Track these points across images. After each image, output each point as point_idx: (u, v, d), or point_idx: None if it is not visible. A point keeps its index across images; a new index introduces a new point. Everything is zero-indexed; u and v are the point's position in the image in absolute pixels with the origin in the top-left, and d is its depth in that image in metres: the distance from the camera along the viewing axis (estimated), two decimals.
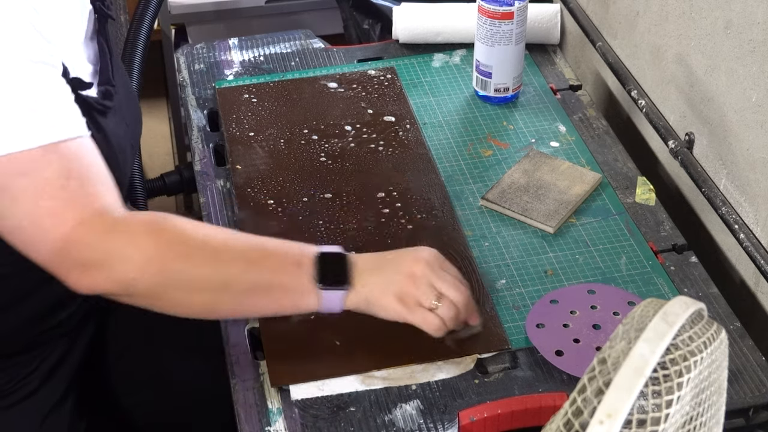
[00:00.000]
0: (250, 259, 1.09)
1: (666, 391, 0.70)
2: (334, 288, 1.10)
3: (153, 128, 2.72)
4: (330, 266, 1.11)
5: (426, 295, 1.11)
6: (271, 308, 1.12)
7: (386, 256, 1.15)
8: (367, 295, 1.11)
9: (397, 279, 1.11)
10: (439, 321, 1.12)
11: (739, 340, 1.20)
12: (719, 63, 1.32)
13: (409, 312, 1.11)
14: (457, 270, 1.17)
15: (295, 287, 1.10)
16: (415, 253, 1.14)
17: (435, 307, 1.11)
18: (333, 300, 1.11)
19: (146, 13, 1.81)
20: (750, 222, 1.30)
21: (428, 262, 1.13)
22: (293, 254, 1.11)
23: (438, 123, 1.54)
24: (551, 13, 1.70)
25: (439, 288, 1.12)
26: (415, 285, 1.11)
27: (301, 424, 1.11)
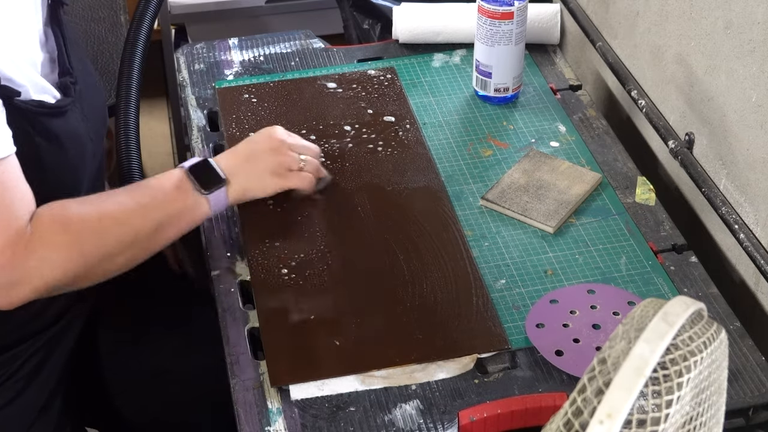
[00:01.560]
0: (143, 205, 1.20)
1: (666, 391, 0.70)
2: (216, 188, 1.24)
3: (153, 128, 2.72)
4: (203, 174, 1.24)
5: (292, 159, 1.29)
6: (177, 233, 1.23)
7: (240, 146, 1.30)
8: (243, 184, 1.26)
9: (263, 158, 1.28)
10: (310, 177, 1.31)
11: (739, 340, 1.20)
12: (719, 63, 1.32)
13: (285, 179, 1.29)
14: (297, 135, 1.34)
15: (188, 206, 1.22)
16: (264, 133, 1.30)
17: (303, 166, 1.29)
18: (219, 199, 1.24)
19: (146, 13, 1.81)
20: (750, 222, 1.30)
21: (279, 134, 1.29)
22: (171, 182, 1.22)
23: (438, 123, 1.54)
24: (551, 13, 1.70)
25: (297, 150, 1.30)
26: (279, 155, 1.28)
27: (301, 424, 1.11)
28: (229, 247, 1.33)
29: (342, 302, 1.24)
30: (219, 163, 1.26)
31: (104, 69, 2.04)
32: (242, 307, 1.25)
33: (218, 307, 1.25)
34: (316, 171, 1.33)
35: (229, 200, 1.26)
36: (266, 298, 1.25)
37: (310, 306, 1.24)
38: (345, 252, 1.31)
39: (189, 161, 1.25)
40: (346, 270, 1.28)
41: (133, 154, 1.82)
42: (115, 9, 2.22)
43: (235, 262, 1.31)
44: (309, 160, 1.31)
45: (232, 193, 1.26)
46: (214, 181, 1.24)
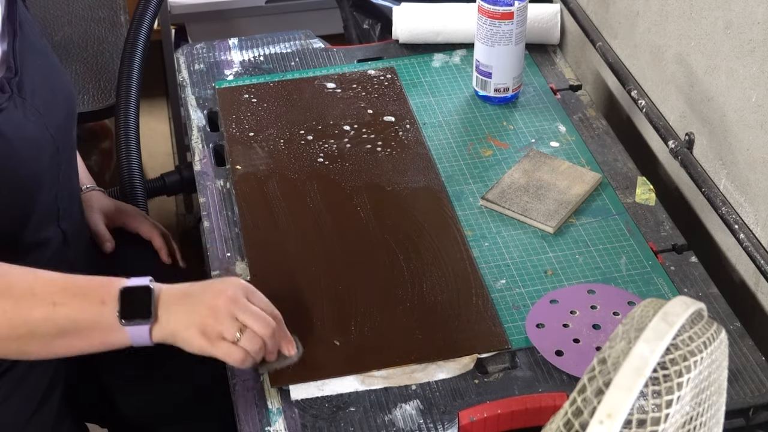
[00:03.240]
0: (53, 303, 1.08)
1: (666, 391, 0.70)
2: (137, 322, 1.09)
3: (153, 128, 2.72)
4: (132, 301, 1.09)
5: (227, 329, 1.09)
6: (82, 348, 1.12)
7: (195, 286, 1.13)
8: (172, 329, 1.10)
9: (200, 312, 1.09)
10: (243, 353, 1.09)
11: (739, 340, 1.20)
12: (719, 63, 1.32)
13: (211, 345, 1.09)
14: (265, 300, 1.14)
15: (101, 326, 1.09)
16: (221, 284, 1.12)
17: (238, 339, 1.09)
18: (140, 334, 1.09)
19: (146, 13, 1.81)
20: (750, 222, 1.30)
21: (232, 293, 1.10)
22: (98, 292, 1.10)
23: (438, 123, 1.54)
24: (551, 13, 1.70)
25: (242, 320, 1.09)
26: (216, 318, 1.09)
27: (301, 424, 1.11)
28: (229, 247, 1.33)
29: (342, 302, 1.24)
30: (163, 291, 1.11)
31: (104, 69, 2.05)
32: None
33: None
34: (256, 351, 1.11)
35: (153, 339, 1.10)
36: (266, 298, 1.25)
37: (309, 306, 1.24)
38: (345, 252, 1.31)
39: (134, 280, 1.11)
40: (346, 270, 1.28)
41: (133, 154, 1.83)
42: (115, 9, 2.22)
43: (235, 262, 1.31)
44: (249, 337, 1.09)
45: (158, 333, 1.10)
46: (139, 313, 1.09)
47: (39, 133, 1.22)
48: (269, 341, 1.11)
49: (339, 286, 1.26)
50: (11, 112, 1.17)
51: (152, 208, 2.12)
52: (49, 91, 1.26)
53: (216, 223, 1.37)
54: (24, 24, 1.24)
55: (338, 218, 1.36)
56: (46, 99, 1.24)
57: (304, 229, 1.34)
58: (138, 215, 1.57)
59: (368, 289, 1.26)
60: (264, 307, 1.13)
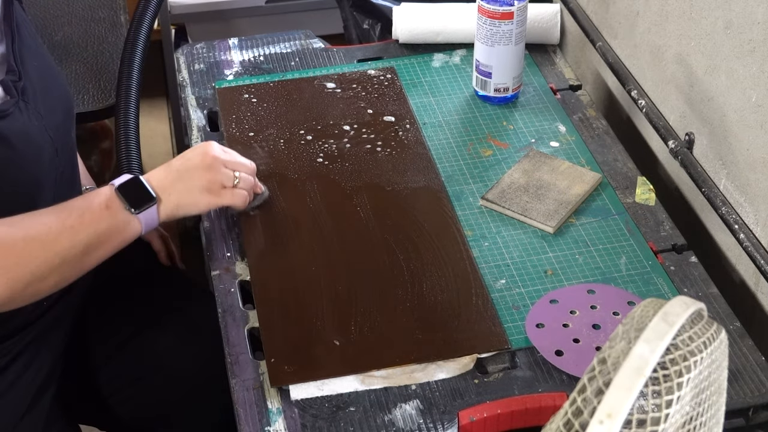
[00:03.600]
0: (71, 227, 1.16)
1: (666, 391, 0.70)
2: (146, 207, 1.20)
3: (153, 128, 2.72)
4: (132, 193, 1.21)
5: (226, 176, 1.26)
6: (107, 253, 1.21)
7: (174, 162, 1.26)
8: (175, 201, 1.23)
9: (196, 175, 1.24)
10: (244, 193, 1.28)
11: (739, 340, 1.20)
12: (719, 63, 1.32)
13: (218, 197, 1.25)
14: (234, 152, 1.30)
15: (117, 226, 1.19)
16: (199, 149, 1.26)
17: (236, 183, 1.26)
18: (150, 217, 1.21)
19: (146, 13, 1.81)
20: (750, 222, 1.30)
21: (213, 150, 1.26)
22: (98, 202, 1.19)
23: (438, 123, 1.54)
24: (551, 13, 1.70)
25: (232, 167, 1.26)
26: (213, 172, 1.24)
27: (301, 424, 1.11)
28: (229, 247, 1.33)
29: (342, 302, 1.24)
30: (150, 179, 1.23)
31: (104, 69, 2.04)
32: (242, 307, 1.25)
33: (218, 308, 1.25)
34: (250, 188, 1.30)
35: (161, 218, 1.23)
36: (266, 298, 1.25)
37: (309, 306, 1.24)
38: (345, 252, 1.31)
39: (119, 178, 1.22)
40: (346, 270, 1.28)
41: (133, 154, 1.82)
42: (115, 9, 2.22)
43: (235, 262, 1.31)
44: (243, 177, 1.28)
45: (164, 211, 1.23)
46: (144, 199, 1.21)
47: (40, 135, 1.22)
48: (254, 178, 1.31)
49: (339, 286, 1.26)
50: (16, 116, 1.18)
51: None
52: (48, 92, 1.27)
53: (216, 223, 1.37)
54: (21, 25, 1.24)
55: (338, 218, 1.36)
56: (45, 101, 1.25)
57: (304, 229, 1.34)
58: None
59: (368, 289, 1.26)
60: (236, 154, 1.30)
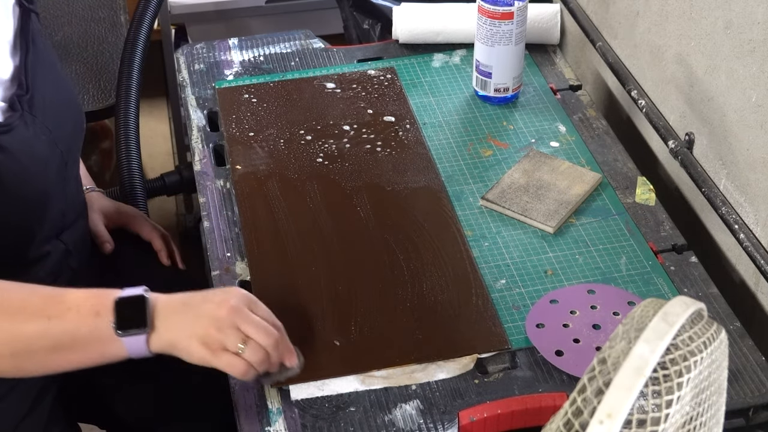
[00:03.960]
0: (48, 317, 1.06)
1: (666, 391, 0.70)
2: (134, 332, 1.06)
3: (153, 128, 2.72)
4: (128, 311, 1.07)
5: (230, 339, 1.07)
6: (79, 361, 1.10)
7: (194, 296, 1.11)
8: (171, 339, 1.08)
9: (201, 323, 1.07)
10: (245, 365, 1.08)
11: (739, 340, 1.20)
12: (719, 63, 1.32)
13: (214, 356, 1.07)
14: (267, 310, 1.12)
15: (97, 338, 1.07)
16: (223, 295, 1.10)
17: (241, 351, 1.07)
18: (137, 345, 1.07)
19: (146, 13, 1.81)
20: (750, 222, 1.30)
21: (235, 304, 1.08)
22: (91, 304, 1.07)
23: (438, 123, 1.54)
24: (551, 13, 1.70)
25: (245, 331, 1.07)
26: (218, 329, 1.07)
27: (301, 424, 1.11)
28: (229, 247, 1.33)
29: (342, 302, 1.24)
30: (158, 304, 1.08)
31: (104, 69, 2.05)
32: None
33: None
34: (258, 362, 1.08)
35: (151, 349, 1.08)
36: (266, 298, 1.25)
37: (309, 306, 1.24)
38: (345, 252, 1.31)
39: (130, 290, 1.09)
40: (346, 270, 1.28)
41: (133, 154, 1.83)
42: (115, 9, 2.22)
43: (235, 262, 1.31)
44: (253, 347, 1.08)
45: (156, 343, 1.08)
46: (135, 323, 1.07)
47: (48, 150, 1.21)
48: (272, 352, 1.09)
49: (339, 287, 1.26)
50: (20, 130, 1.16)
51: (152, 208, 2.12)
52: (59, 106, 1.25)
53: (216, 223, 1.37)
54: (36, 38, 1.22)
55: (338, 218, 1.36)
56: (55, 115, 1.23)
57: (304, 229, 1.34)
58: (138, 216, 1.57)
59: (368, 289, 1.26)
60: (266, 317, 1.11)
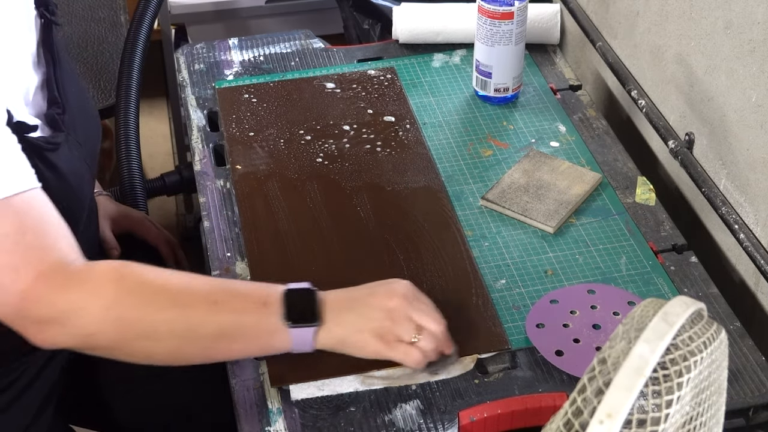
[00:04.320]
0: (215, 302, 1.05)
1: (666, 391, 0.70)
2: (303, 325, 1.07)
3: (153, 128, 2.72)
4: (298, 303, 1.07)
5: (406, 330, 1.08)
6: (242, 351, 1.09)
7: (358, 291, 1.11)
8: (341, 334, 1.08)
9: (374, 316, 1.08)
10: (421, 354, 1.09)
11: (739, 340, 1.20)
12: (719, 63, 1.32)
13: (390, 348, 1.08)
14: (429, 300, 1.14)
15: (264, 328, 1.06)
16: (389, 286, 1.11)
17: (416, 340, 1.08)
18: (304, 338, 1.07)
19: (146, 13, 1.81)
20: (750, 222, 1.30)
21: (404, 294, 1.09)
22: (259, 294, 1.07)
23: (438, 123, 1.54)
24: (551, 13, 1.70)
25: (417, 320, 1.09)
26: (392, 320, 1.08)
27: (301, 424, 1.11)
28: (229, 247, 1.33)
29: None
30: (326, 296, 1.09)
31: (104, 69, 2.05)
32: None
33: None
34: (431, 350, 1.10)
35: (318, 344, 1.08)
36: None
37: None
38: (345, 252, 1.31)
39: (296, 284, 1.09)
40: (346, 270, 1.28)
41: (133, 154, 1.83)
42: (115, 9, 2.22)
43: (235, 262, 1.31)
44: (426, 336, 1.09)
45: (324, 339, 1.08)
46: (305, 316, 1.07)
47: (80, 163, 1.21)
48: (443, 339, 1.11)
49: (339, 286, 1.26)
50: (63, 148, 1.16)
51: (152, 208, 2.12)
52: (84, 120, 1.25)
53: (216, 223, 1.37)
54: (60, 50, 1.22)
55: (338, 218, 1.36)
56: (82, 129, 1.23)
57: (304, 229, 1.34)
58: (145, 222, 1.57)
59: None
60: (430, 304, 1.12)
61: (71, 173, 1.17)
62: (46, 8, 1.20)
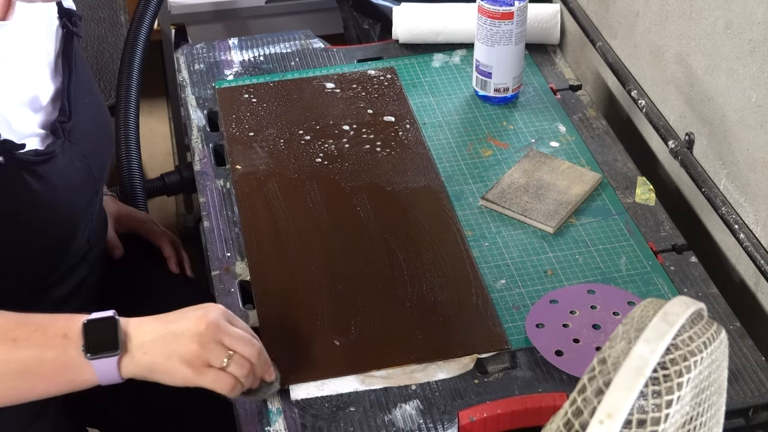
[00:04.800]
0: (14, 339, 1.01)
1: (666, 391, 0.70)
2: (104, 355, 1.01)
3: (153, 128, 2.72)
4: (97, 333, 1.02)
5: (215, 355, 1.02)
6: (46, 389, 1.04)
7: (168, 316, 1.05)
8: (148, 362, 1.02)
9: (181, 340, 1.02)
10: (233, 380, 1.04)
11: (739, 340, 1.20)
12: (719, 63, 1.32)
13: (198, 375, 1.02)
14: (244, 324, 1.09)
15: (65, 361, 1.01)
16: (200, 311, 1.05)
17: (226, 365, 1.03)
18: (108, 369, 1.02)
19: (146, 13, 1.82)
20: (750, 222, 1.30)
21: (214, 319, 1.03)
22: (59, 326, 1.02)
23: (438, 123, 1.54)
24: (551, 13, 1.70)
25: (228, 344, 1.03)
26: (201, 345, 1.02)
27: (301, 424, 1.11)
28: (229, 247, 1.33)
29: (342, 302, 1.24)
30: (130, 327, 1.03)
31: (104, 69, 2.05)
32: (242, 307, 1.25)
33: None
34: (244, 375, 1.05)
35: (123, 374, 1.02)
36: (266, 298, 1.25)
37: (309, 306, 1.24)
38: (345, 252, 1.31)
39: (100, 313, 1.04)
40: (346, 270, 1.28)
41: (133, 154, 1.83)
42: (115, 9, 2.22)
43: (235, 262, 1.31)
44: (237, 360, 1.04)
45: (129, 367, 1.02)
46: (105, 345, 1.01)
47: (82, 178, 1.20)
48: (257, 364, 1.06)
49: (339, 286, 1.26)
50: (59, 159, 1.15)
51: (152, 208, 2.12)
52: (96, 131, 1.25)
53: (216, 223, 1.37)
54: (78, 61, 1.21)
55: (338, 218, 1.36)
56: (92, 141, 1.23)
57: (304, 229, 1.34)
58: (148, 222, 1.57)
59: (368, 289, 1.26)
60: (245, 328, 1.08)
61: (65, 185, 1.16)
62: (69, 19, 1.20)
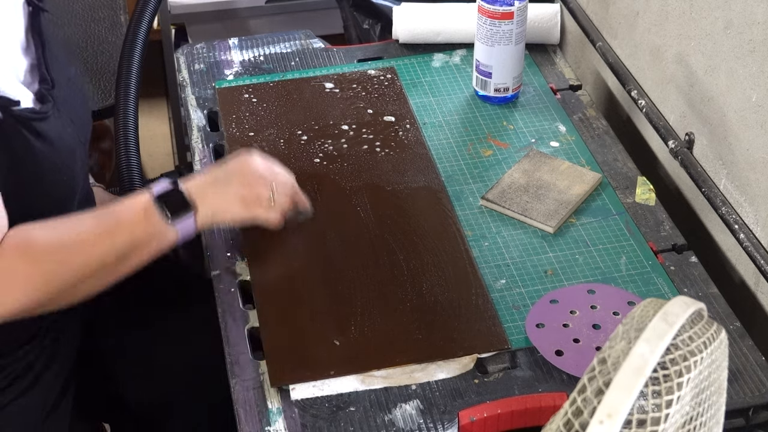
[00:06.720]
0: (110, 233, 1.17)
1: (666, 391, 0.70)
2: (183, 217, 1.19)
3: (153, 128, 2.72)
4: (170, 200, 1.19)
5: (263, 191, 1.23)
6: (143, 260, 1.20)
7: (213, 171, 1.25)
8: (211, 208, 1.21)
9: (233, 184, 1.23)
10: (276, 212, 1.25)
11: (739, 340, 1.20)
12: (719, 63, 1.32)
13: (252, 211, 1.23)
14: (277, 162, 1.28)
15: (153, 233, 1.18)
16: (238, 158, 1.25)
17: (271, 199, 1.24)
18: (187, 226, 1.20)
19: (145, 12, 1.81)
20: (750, 222, 1.30)
21: (251, 160, 1.24)
22: (136, 207, 1.19)
23: (438, 123, 1.54)
24: (551, 13, 1.70)
25: (269, 176, 1.24)
26: (249, 185, 1.23)
27: (301, 424, 1.11)
28: (229, 247, 1.33)
29: (342, 302, 1.24)
30: (188, 185, 1.21)
31: (104, 69, 2.04)
32: (242, 307, 1.25)
33: (218, 308, 1.25)
34: (287, 207, 1.27)
35: (198, 226, 1.21)
36: (266, 298, 1.25)
37: (309, 306, 1.24)
38: (345, 252, 1.31)
39: (158, 186, 1.21)
40: (346, 270, 1.28)
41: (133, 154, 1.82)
42: (115, 9, 2.22)
43: (235, 262, 1.31)
44: (281, 195, 1.26)
45: (201, 219, 1.21)
46: (181, 208, 1.20)
47: (74, 140, 1.25)
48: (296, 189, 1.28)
49: (339, 286, 1.26)
50: (52, 119, 1.20)
51: None
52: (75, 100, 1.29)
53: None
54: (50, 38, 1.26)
55: (338, 218, 1.36)
56: (76, 110, 1.27)
57: (304, 228, 1.34)
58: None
59: (368, 289, 1.26)
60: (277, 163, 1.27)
61: (63, 143, 1.20)
62: None
